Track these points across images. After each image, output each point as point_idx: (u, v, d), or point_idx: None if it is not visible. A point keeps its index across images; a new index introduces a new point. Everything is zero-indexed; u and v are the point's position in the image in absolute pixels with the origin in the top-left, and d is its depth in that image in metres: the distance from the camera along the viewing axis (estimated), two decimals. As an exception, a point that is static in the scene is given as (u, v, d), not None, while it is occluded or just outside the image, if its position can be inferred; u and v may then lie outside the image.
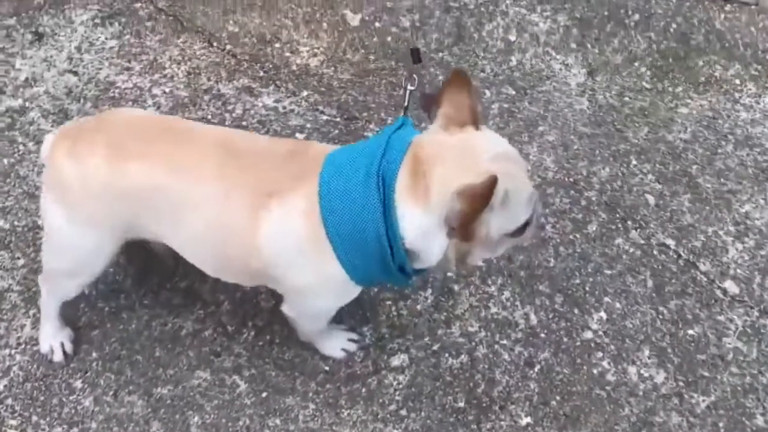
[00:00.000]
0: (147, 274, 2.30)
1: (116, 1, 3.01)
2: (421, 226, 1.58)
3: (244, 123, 2.67)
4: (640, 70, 2.95)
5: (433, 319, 2.28)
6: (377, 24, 2.99)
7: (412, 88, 1.80)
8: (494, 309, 2.31)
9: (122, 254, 2.32)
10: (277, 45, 2.92)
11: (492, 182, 1.44)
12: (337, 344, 2.17)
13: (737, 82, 2.94)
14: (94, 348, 2.17)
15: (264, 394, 2.11)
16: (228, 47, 2.90)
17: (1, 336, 2.16)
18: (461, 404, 2.13)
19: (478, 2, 3.07)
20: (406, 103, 1.78)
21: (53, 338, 2.10)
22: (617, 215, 2.54)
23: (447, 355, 2.22)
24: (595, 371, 2.21)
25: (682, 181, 2.64)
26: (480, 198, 1.47)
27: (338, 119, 2.71)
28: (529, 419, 2.13)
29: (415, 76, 1.80)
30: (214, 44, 2.90)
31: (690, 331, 2.31)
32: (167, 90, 2.74)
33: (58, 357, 2.11)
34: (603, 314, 2.33)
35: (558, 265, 2.42)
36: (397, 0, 3.04)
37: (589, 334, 2.29)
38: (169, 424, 2.05)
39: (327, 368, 2.17)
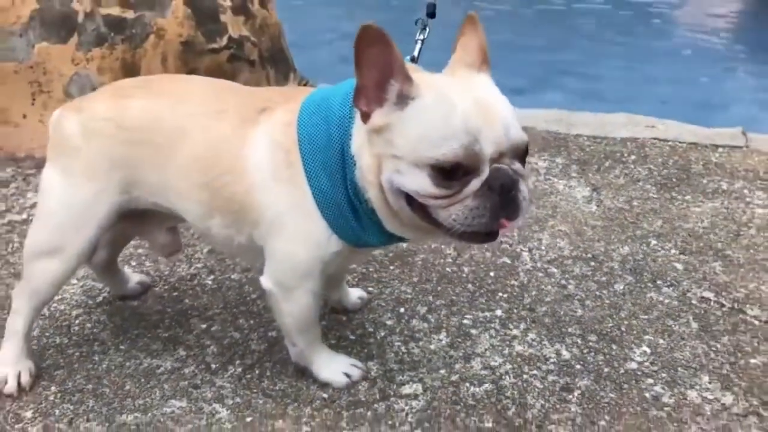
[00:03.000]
0: (127, 329, 2.07)
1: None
2: (359, 124, 1.49)
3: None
4: (645, 186, 2.96)
5: (449, 356, 1.97)
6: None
7: (422, 37, 1.82)
8: (519, 347, 2.01)
9: (102, 310, 2.13)
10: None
11: (369, 27, 1.35)
12: (337, 367, 1.85)
13: (746, 192, 2.91)
14: (54, 383, 1.86)
15: (249, 419, 1.74)
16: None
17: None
18: (489, 425, 1.74)
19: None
20: (417, 53, 1.78)
21: (13, 365, 1.82)
22: (645, 277, 2.33)
23: (468, 384, 1.87)
24: (647, 395, 1.84)
25: (709, 253, 2.47)
26: (360, 36, 1.36)
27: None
28: (575, 441, 1.72)
29: (428, 26, 1.82)
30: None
31: (753, 360, 1.96)
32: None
33: (10, 387, 1.80)
34: (646, 348, 2.01)
35: (587, 314, 2.15)
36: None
37: (633, 365, 1.95)
38: (130, 452, 1.67)
39: (326, 395, 1.82)
